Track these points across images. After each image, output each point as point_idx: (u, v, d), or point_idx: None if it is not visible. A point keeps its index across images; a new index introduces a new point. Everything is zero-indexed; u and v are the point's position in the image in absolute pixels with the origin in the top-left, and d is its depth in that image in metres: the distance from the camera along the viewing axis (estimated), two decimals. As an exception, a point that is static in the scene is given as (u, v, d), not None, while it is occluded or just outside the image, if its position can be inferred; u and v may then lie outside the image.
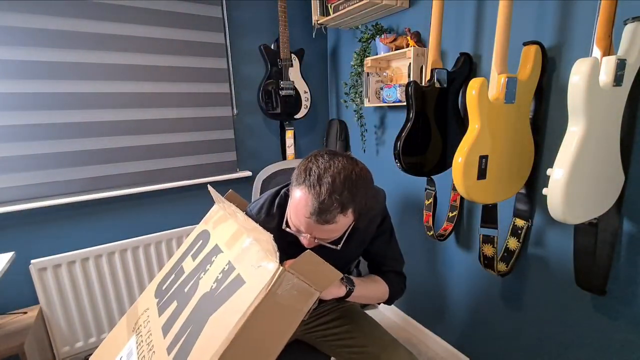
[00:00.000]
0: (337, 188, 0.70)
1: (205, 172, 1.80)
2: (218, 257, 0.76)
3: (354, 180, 0.72)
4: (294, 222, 0.76)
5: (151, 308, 0.81)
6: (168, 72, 1.63)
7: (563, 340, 1.16)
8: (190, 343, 0.61)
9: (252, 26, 1.84)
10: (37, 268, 1.43)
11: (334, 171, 0.71)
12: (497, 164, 1.02)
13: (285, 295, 0.59)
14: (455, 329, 1.57)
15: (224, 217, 0.89)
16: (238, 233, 0.77)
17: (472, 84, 0.95)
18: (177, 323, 0.68)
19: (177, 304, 0.74)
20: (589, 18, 0.96)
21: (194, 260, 0.83)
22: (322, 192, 0.69)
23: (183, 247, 0.96)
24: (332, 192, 0.69)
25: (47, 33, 1.37)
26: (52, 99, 1.41)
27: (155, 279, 0.93)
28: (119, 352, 0.77)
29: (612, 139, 0.85)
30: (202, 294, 0.70)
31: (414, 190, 1.62)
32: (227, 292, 0.64)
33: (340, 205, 0.70)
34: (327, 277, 0.64)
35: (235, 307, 0.59)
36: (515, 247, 1.20)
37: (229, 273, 0.68)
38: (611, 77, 0.79)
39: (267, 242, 0.62)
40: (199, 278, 0.75)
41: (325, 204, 0.69)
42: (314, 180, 0.71)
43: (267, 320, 0.58)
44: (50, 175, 1.45)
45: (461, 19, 1.31)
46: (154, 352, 0.67)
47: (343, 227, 0.75)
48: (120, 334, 0.83)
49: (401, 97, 1.50)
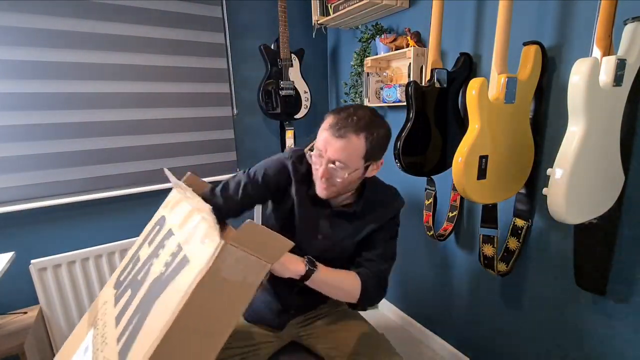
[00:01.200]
0: (357, 115, 0.79)
1: (205, 172, 1.80)
2: (169, 240, 0.73)
3: (374, 122, 0.81)
4: (316, 144, 0.82)
5: (109, 300, 0.77)
6: (168, 72, 1.63)
7: (563, 340, 1.16)
8: (137, 329, 0.58)
9: (252, 26, 1.84)
10: (37, 268, 1.43)
11: (358, 110, 0.82)
12: (497, 164, 1.02)
13: (231, 270, 0.56)
14: (455, 328, 1.57)
15: (180, 199, 0.86)
16: (190, 214, 0.74)
17: (472, 84, 0.95)
18: (128, 312, 0.65)
19: (130, 292, 0.70)
20: (589, 18, 0.96)
21: (149, 247, 0.80)
22: (342, 114, 0.80)
23: (142, 235, 0.92)
24: (351, 115, 0.79)
25: (46, 33, 1.37)
26: (52, 99, 1.41)
27: (115, 270, 0.90)
28: (76, 349, 0.75)
29: (612, 138, 0.85)
30: (152, 279, 0.66)
31: (414, 190, 1.62)
32: (174, 273, 0.61)
33: (355, 125, 0.78)
34: (277, 247, 0.60)
35: (179, 286, 0.56)
36: (515, 247, 1.20)
37: (176, 255, 0.65)
38: (611, 77, 0.79)
39: (208, 215, 0.60)
40: (151, 264, 0.72)
41: (342, 120, 0.79)
42: (340, 109, 0.82)
43: (213, 297, 0.55)
44: (50, 175, 1.44)
45: (461, 19, 1.31)
46: (107, 344, 0.64)
47: (354, 150, 0.79)
48: (81, 330, 0.80)
49: (401, 97, 1.50)
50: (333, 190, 0.85)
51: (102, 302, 0.81)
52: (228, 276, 0.56)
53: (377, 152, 0.83)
